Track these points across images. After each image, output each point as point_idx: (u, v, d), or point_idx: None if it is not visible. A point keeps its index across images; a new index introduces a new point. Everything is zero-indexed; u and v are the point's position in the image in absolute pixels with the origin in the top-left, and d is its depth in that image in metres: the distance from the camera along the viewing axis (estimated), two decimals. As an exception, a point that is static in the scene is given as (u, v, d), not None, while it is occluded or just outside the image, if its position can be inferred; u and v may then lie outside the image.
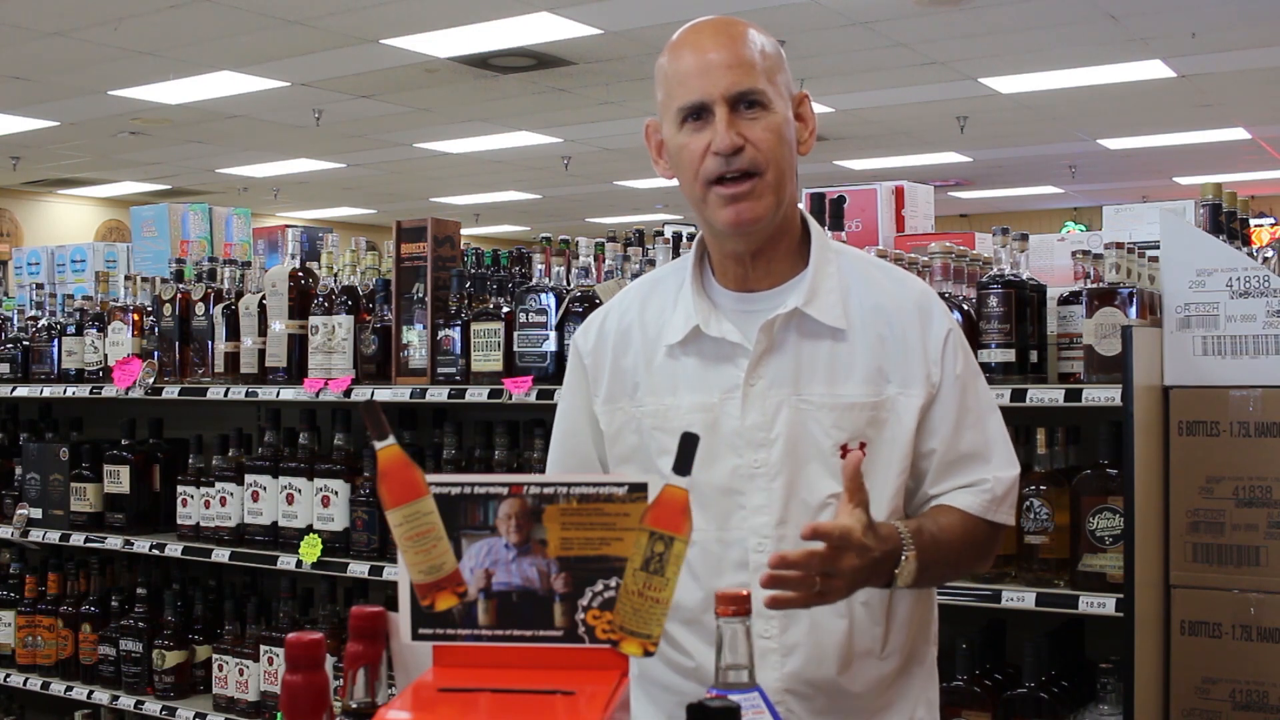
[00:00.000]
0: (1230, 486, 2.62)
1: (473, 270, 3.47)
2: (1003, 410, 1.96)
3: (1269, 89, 9.86)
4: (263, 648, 3.69)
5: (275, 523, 3.68)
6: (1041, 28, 8.15)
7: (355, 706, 1.27)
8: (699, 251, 1.95)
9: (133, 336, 4.07)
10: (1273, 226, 11.69)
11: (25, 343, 4.41)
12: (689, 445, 1.31)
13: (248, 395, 3.72)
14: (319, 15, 7.84)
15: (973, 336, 2.70)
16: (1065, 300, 2.87)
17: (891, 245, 3.28)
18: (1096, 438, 2.74)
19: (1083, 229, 7.97)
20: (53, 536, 4.20)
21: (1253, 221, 4.56)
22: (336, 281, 3.62)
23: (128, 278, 4.21)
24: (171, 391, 3.90)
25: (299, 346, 3.64)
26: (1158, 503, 2.68)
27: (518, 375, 3.22)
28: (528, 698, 1.19)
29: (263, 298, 3.71)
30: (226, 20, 7.87)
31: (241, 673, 3.73)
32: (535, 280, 3.30)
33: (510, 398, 3.19)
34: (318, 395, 3.53)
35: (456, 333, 3.36)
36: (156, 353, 4.01)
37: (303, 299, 3.65)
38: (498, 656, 1.27)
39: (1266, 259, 2.84)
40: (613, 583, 1.26)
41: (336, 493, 3.55)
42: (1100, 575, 2.66)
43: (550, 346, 3.19)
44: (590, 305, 3.11)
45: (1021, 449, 2.66)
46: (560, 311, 3.20)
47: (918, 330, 1.86)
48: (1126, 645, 2.53)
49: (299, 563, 3.57)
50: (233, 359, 3.81)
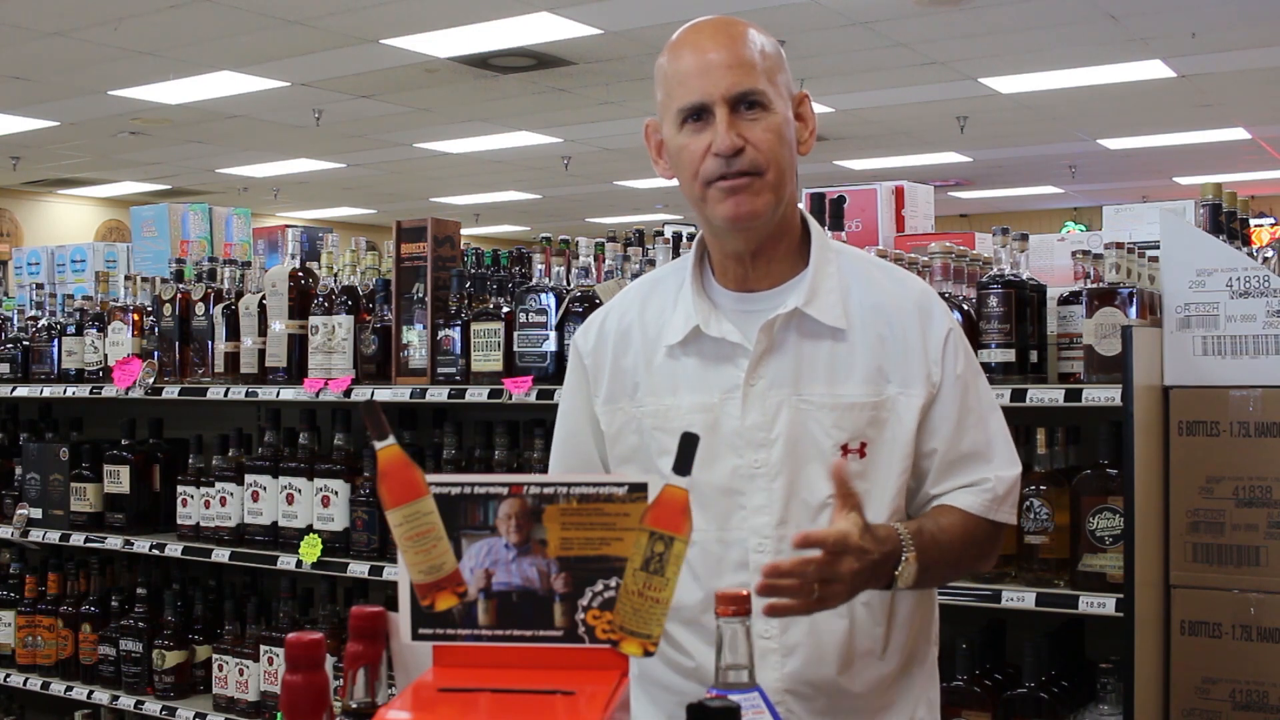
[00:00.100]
0: (1230, 486, 2.62)
1: (473, 270, 3.47)
2: (1003, 410, 1.96)
3: (1269, 89, 9.85)
4: (263, 648, 3.69)
5: (275, 523, 3.68)
6: (1041, 28, 8.14)
7: (355, 706, 1.27)
8: (699, 252, 1.95)
9: (133, 336, 4.07)
10: (1273, 226, 11.68)
11: (25, 343, 4.41)
12: (689, 445, 1.31)
13: (248, 395, 3.73)
14: (319, 15, 7.84)
15: (973, 336, 2.70)
16: (1065, 300, 2.86)
17: (891, 245, 3.28)
18: (1096, 438, 2.74)
19: (1083, 229, 7.97)
20: (53, 536, 4.20)
21: (1253, 221, 4.56)
22: (336, 281, 3.62)
23: (128, 278, 4.21)
24: (171, 391, 3.90)
25: (299, 346, 3.64)
26: (1158, 503, 2.67)
27: (518, 375, 3.22)
28: (528, 698, 1.19)
29: (263, 298, 3.71)
30: (226, 20, 7.87)
31: (241, 673, 3.73)
32: (535, 280, 3.30)
33: (510, 398, 3.19)
34: (318, 395, 3.53)
35: (456, 333, 3.36)
36: (156, 353, 4.01)
37: (303, 299, 3.65)
38: (498, 656, 1.27)
39: (1266, 259, 2.84)
40: (613, 583, 1.26)
41: (336, 493, 3.55)
42: (1100, 575, 2.66)
43: (550, 346, 3.19)
44: (590, 305, 3.11)
45: (1021, 449, 2.63)
46: (560, 311, 3.19)
47: (918, 330, 1.86)
48: (1126, 645, 2.52)
49: (299, 563, 3.57)
50: (233, 359, 3.81)
